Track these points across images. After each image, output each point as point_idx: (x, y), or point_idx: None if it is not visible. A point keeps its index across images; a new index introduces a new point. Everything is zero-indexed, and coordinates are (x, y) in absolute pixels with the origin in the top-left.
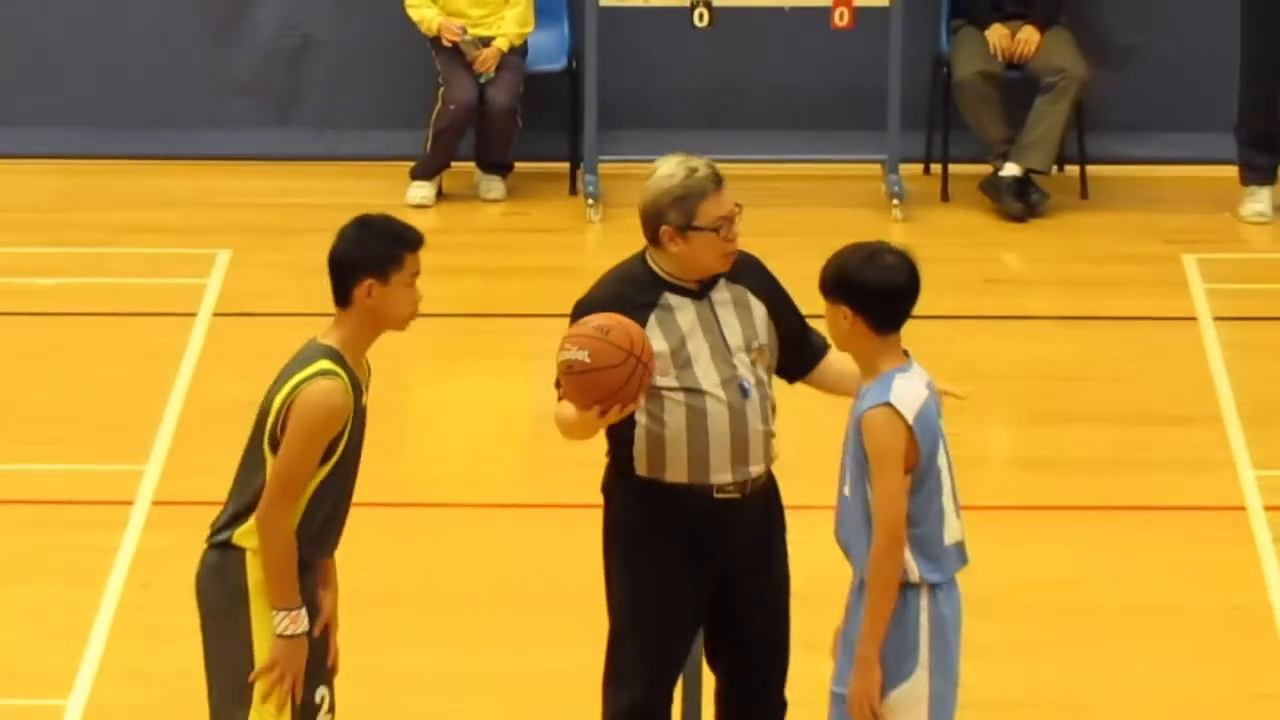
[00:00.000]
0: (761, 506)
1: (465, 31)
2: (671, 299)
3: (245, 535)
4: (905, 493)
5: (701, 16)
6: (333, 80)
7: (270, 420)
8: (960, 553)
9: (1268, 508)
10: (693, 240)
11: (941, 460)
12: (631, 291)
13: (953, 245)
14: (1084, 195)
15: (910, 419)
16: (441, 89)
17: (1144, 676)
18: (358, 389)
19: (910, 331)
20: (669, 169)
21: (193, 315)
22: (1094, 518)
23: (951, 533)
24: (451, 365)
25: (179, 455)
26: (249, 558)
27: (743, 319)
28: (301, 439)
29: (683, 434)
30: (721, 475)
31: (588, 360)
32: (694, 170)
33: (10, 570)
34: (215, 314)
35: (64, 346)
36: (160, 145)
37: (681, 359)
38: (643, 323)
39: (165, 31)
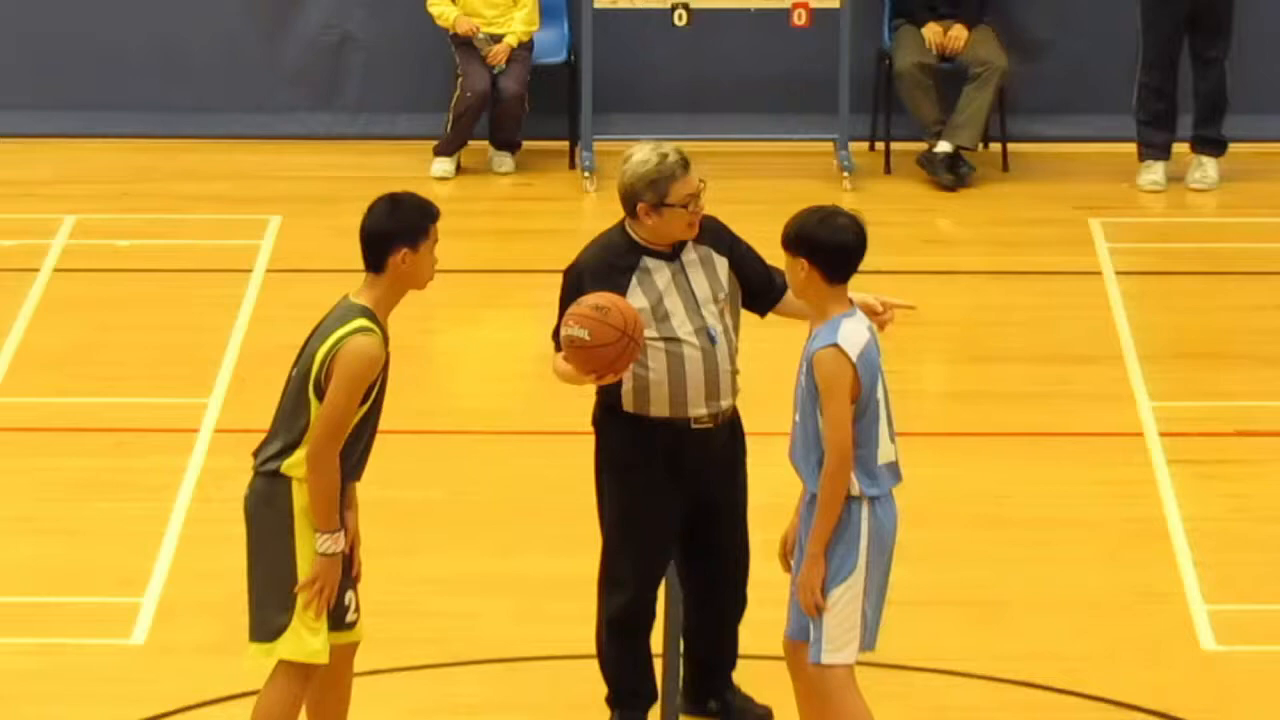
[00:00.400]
0: (728, 434)
1: (480, 29)
2: (649, 262)
3: (292, 466)
4: (851, 420)
5: (681, 17)
6: (367, 71)
7: (315, 370)
8: (893, 471)
9: (1162, 434)
10: (665, 215)
11: (880, 393)
12: (614, 257)
13: (894, 211)
14: (1005, 168)
15: (854, 357)
16: (460, 78)
17: (1056, 578)
18: (387, 340)
19: (858, 283)
20: (643, 155)
21: (248, 272)
22: (1015, 442)
23: (885, 454)
24: (469, 313)
25: (237, 390)
26: (295, 486)
27: (709, 275)
28: (346, 387)
29: (664, 376)
30: (697, 409)
31: (587, 338)
32: (665, 156)
33: (93, 487)
34: (268, 270)
35: (139, 298)
36: (220, 126)
37: (660, 313)
38: (626, 283)
39: (226, 29)
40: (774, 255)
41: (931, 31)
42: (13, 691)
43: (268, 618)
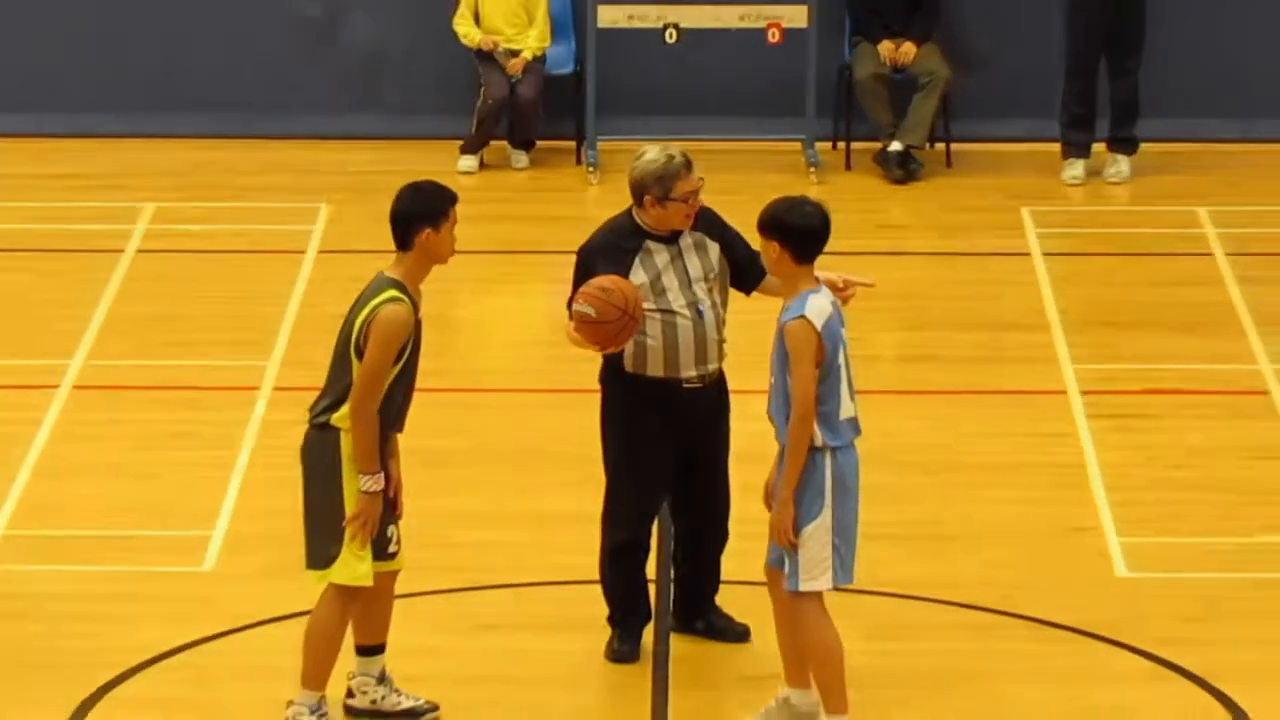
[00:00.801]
0: (715, 393)
1: (500, 45)
2: (651, 245)
3: (340, 418)
4: (814, 381)
5: (671, 34)
6: (405, 80)
7: (354, 335)
8: (854, 425)
9: (1082, 392)
10: (668, 208)
11: (841, 358)
12: (620, 239)
13: (854, 201)
14: (948, 164)
15: (819, 327)
16: (483, 87)
17: (991, 515)
18: (416, 309)
19: (824, 263)
20: (653, 155)
21: (302, 253)
22: (957, 399)
23: (845, 410)
24: (489, 287)
25: (293, 353)
26: (342, 435)
27: (701, 257)
28: (380, 348)
29: (660, 342)
30: (688, 371)
31: (593, 314)
32: (672, 158)
33: (169, 437)
34: (319, 251)
35: (208, 275)
36: (278, 126)
37: (658, 288)
38: (630, 263)
39: (284, 42)
40: (753, 238)
41: (885, 47)
42: (103, 612)
43: (321, 548)
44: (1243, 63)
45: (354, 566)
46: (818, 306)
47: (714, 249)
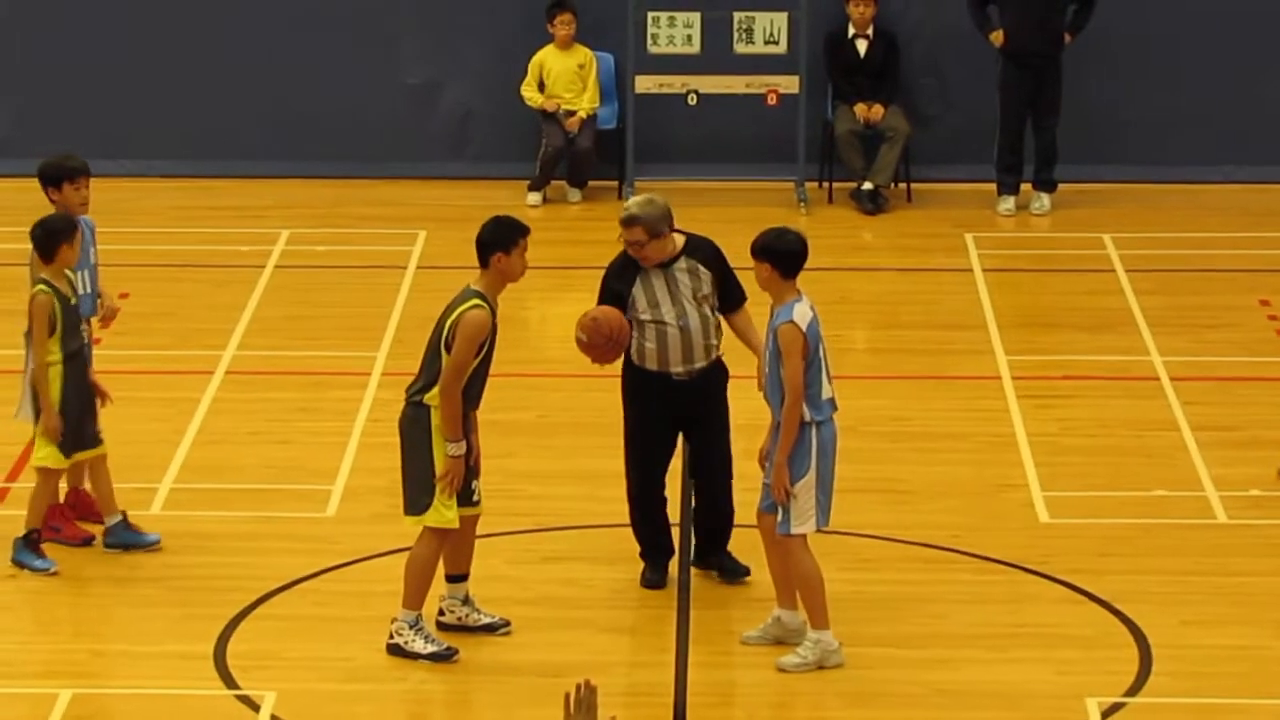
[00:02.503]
0: (702, 382)
1: (560, 106)
2: (649, 269)
3: (432, 398)
4: (802, 371)
5: (692, 98)
6: (485, 134)
7: (445, 333)
8: (832, 403)
9: (1013, 377)
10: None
11: (821, 352)
12: (628, 264)
13: (834, 228)
14: (909, 199)
15: (804, 328)
16: (545, 139)
17: (941, 472)
18: (494, 314)
19: (810, 277)
20: (625, 205)
21: (404, 268)
22: (914, 383)
23: (826, 392)
24: (551, 295)
25: (396, 347)
26: (433, 411)
27: (693, 280)
28: (465, 344)
29: (654, 345)
30: (676, 367)
31: (585, 339)
32: (625, 210)
33: (300, 412)
34: (417, 267)
35: (331, 285)
36: (387, 170)
37: (653, 303)
38: (634, 280)
39: (392, 104)
40: (748, 258)
41: (859, 109)
42: (247, 547)
43: (416, 498)
44: (1139, 121)
45: (442, 513)
46: (802, 312)
47: (707, 275)
